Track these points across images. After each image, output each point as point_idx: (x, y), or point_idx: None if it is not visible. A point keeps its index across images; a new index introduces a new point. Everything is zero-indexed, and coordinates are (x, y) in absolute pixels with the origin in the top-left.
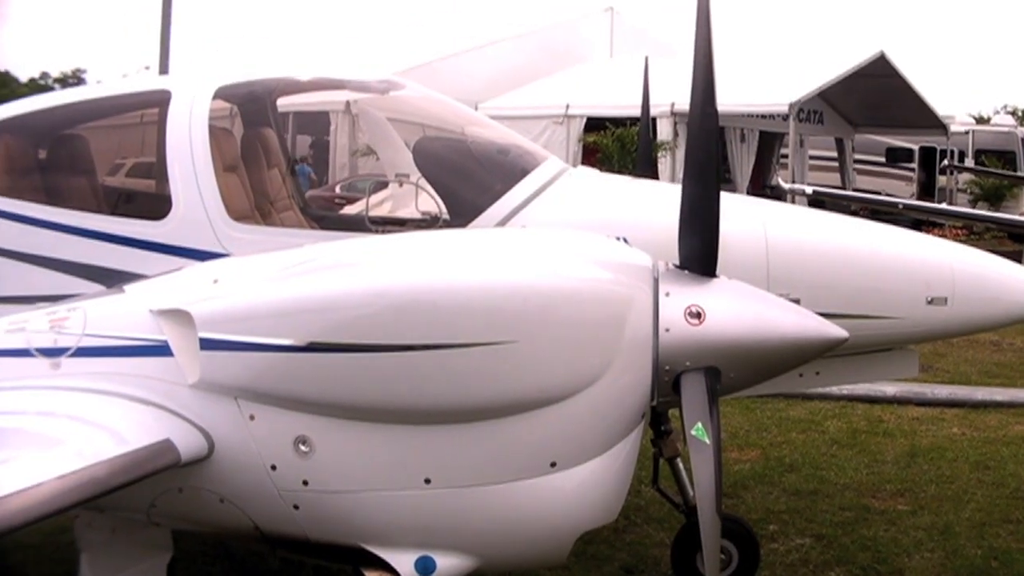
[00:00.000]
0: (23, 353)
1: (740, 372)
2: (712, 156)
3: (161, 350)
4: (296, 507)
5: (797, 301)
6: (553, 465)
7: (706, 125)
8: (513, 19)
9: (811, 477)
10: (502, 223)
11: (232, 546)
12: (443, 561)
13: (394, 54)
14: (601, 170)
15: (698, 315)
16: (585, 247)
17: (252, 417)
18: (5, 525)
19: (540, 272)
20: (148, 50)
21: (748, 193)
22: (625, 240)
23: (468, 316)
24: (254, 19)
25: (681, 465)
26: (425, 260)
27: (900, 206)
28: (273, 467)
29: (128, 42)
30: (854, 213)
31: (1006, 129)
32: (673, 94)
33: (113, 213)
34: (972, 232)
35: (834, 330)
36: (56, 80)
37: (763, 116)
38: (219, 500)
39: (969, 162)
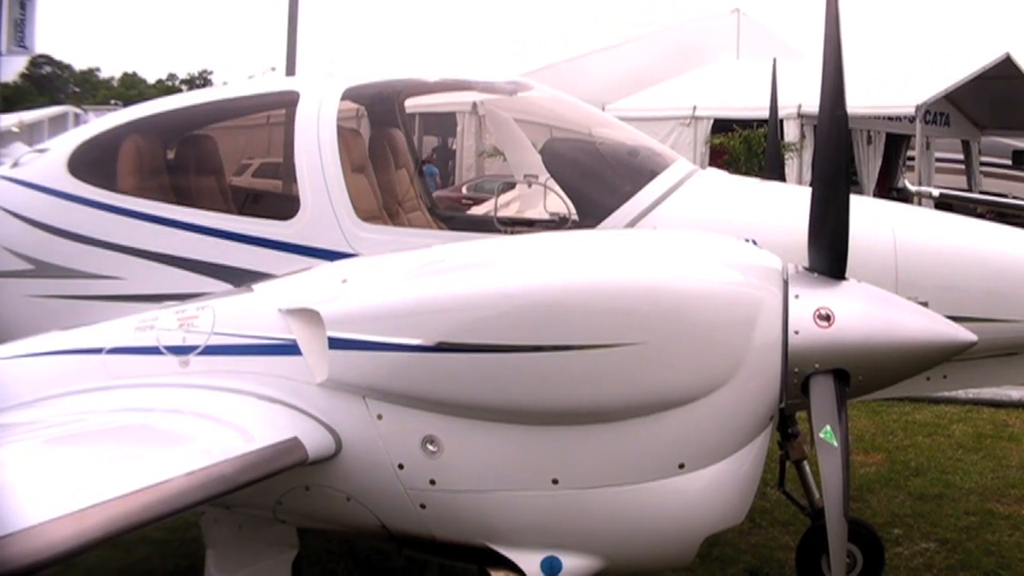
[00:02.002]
0: (152, 351)
1: (869, 375)
2: (841, 158)
3: (290, 349)
4: (423, 506)
5: (925, 304)
6: (681, 467)
7: (835, 128)
8: (639, 20)
9: (936, 481)
10: (631, 224)
11: (357, 544)
12: (569, 562)
13: (521, 55)
14: (728, 172)
15: (827, 317)
16: (715, 249)
17: (380, 416)
18: (135, 520)
19: (670, 273)
20: (274, 51)
21: (874, 196)
22: (754, 242)
23: (597, 317)
24: (381, 20)
25: (807, 468)
26: (554, 261)
27: None
28: (400, 466)
29: (254, 43)
30: (980, 216)
31: None
32: (800, 96)
33: (241, 213)
34: None
35: (963, 333)
36: (183, 81)
37: (889, 118)
38: (346, 498)
39: None
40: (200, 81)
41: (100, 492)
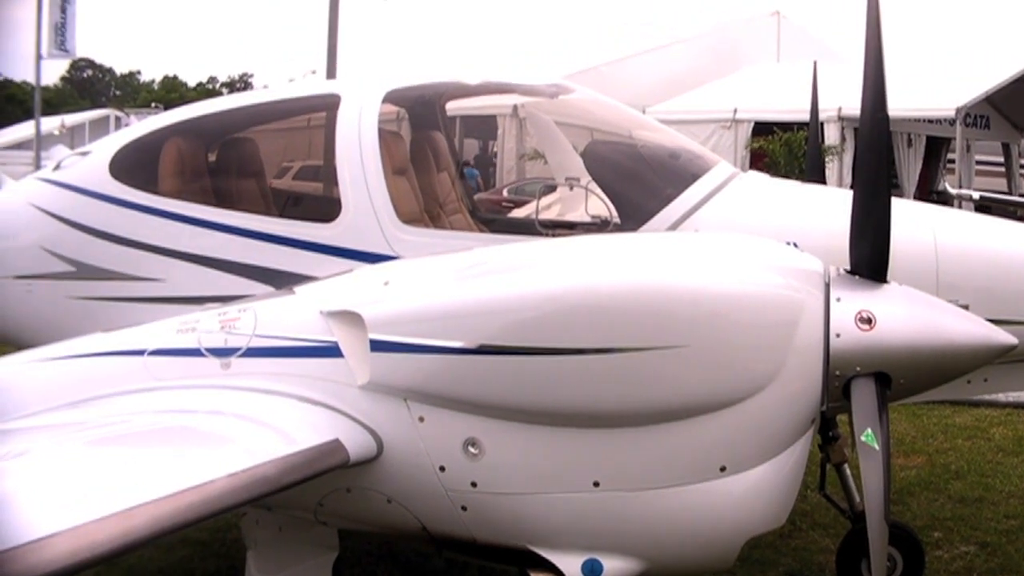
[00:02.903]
0: (194, 353)
1: (910, 378)
2: (883, 161)
3: (331, 351)
4: (464, 508)
5: (966, 307)
6: (723, 469)
7: (877, 130)
8: (680, 24)
9: (976, 484)
10: (673, 227)
11: (397, 546)
12: (610, 564)
13: (563, 58)
14: (769, 175)
15: (869, 320)
16: (757, 251)
17: (422, 418)
18: (178, 521)
19: (712, 276)
20: (315, 54)
21: (915, 198)
22: (795, 245)
23: (640, 320)
24: (422, 23)
25: (848, 471)
26: (597, 264)
27: None
28: (442, 468)
29: (294, 47)
30: (1020, 219)
31: None
32: (840, 98)
33: (282, 215)
34: None
35: (1003, 336)
36: (224, 84)
37: (930, 121)
38: (386, 500)
39: None
40: (241, 84)
41: (145, 492)
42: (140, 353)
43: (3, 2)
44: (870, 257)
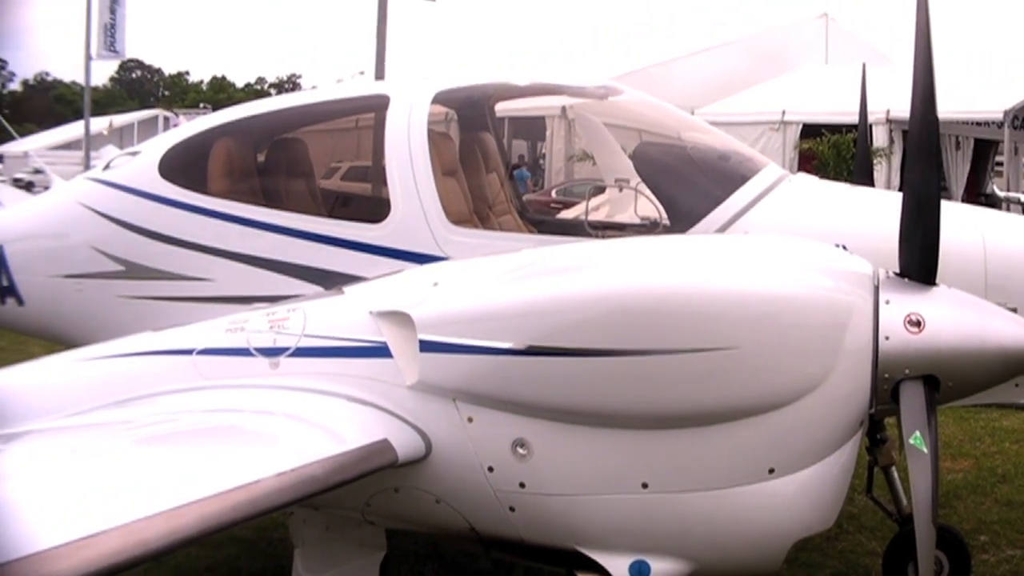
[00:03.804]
0: (243, 352)
1: (958, 381)
2: (932, 164)
3: (380, 351)
4: (512, 509)
5: (1014, 310)
6: (771, 471)
7: (926, 133)
8: (729, 26)
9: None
10: (722, 229)
11: (444, 545)
12: (658, 565)
13: (611, 59)
14: (818, 177)
15: (918, 323)
16: (806, 254)
17: (470, 419)
18: (225, 520)
19: (761, 278)
20: (363, 55)
21: (963, 201)
22: (845, 247)
23: (689, 322)
24: (470, 23)
25: (896, 474)
26: (646, 265)
27: None
28: (490, 469)
29: (343, 48)
30: None
31: None
32: (889, 101)
33: (331, 216)
34: None
35: None
36: (272, 85)
37: (978, 124)
38: (435, 500)
39: None
40: (289, 85)
41: (192, 491)
42: (189, 352)
43: (53, 4)
44: (919, 260)
